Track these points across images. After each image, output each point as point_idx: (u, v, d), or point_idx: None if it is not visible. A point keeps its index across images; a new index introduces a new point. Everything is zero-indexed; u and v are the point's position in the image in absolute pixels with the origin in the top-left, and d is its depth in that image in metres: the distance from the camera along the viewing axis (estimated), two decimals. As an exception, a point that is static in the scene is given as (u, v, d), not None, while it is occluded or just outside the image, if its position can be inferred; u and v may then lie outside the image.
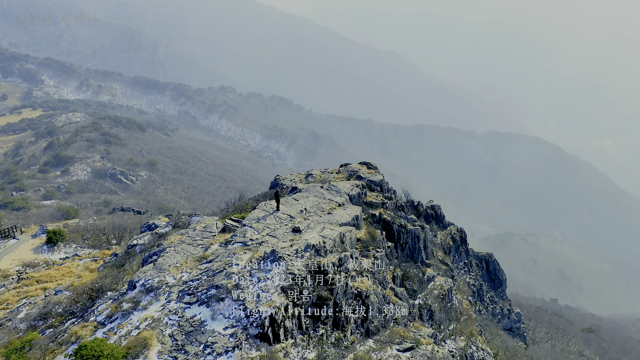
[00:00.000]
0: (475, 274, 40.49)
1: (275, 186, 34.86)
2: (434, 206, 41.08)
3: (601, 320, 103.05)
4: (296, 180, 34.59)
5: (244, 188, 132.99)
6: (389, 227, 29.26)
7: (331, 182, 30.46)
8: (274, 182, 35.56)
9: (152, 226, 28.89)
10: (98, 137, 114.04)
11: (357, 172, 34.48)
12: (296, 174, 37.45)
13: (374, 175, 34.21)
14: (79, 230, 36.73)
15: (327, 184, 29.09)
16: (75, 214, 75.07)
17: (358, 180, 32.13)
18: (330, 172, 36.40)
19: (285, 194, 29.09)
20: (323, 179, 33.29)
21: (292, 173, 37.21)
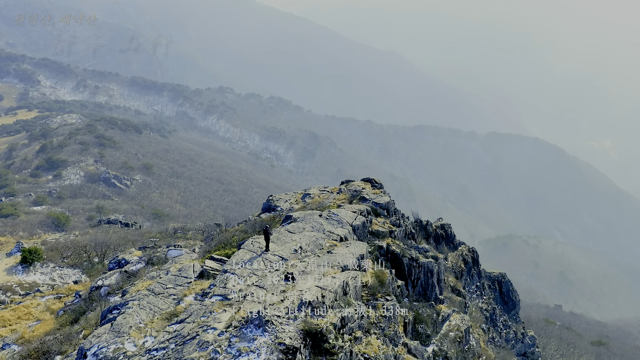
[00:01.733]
0: (488, 297, 37.92)
1: (268, 209, 31.49)
2: (443, 225, 38.04)
3: (607, 328, 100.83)
4: (291, 201, 31.26)
5: (242, 192, 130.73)
6: (399, 261, 25.74)
7: (331, 208, 26.62)
8: (267, 203, 32.39)
9: (121, 262, 25.54)
10: (92, 140, 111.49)
11: (361, 193, 30.63)
12: (292, 194, 34.10)
13: (379, 197, 30.43)
14: (58, 248, 34.17)
15: (327, 211, 24.79)
16: (66, 221, 72.55)
17: (362, 203, 28.54)
18: (330, 192, 32.77)
19: (278, 224, 24.87)
20: (322, 201, 29.70)
21: (287, 192, 34.07)
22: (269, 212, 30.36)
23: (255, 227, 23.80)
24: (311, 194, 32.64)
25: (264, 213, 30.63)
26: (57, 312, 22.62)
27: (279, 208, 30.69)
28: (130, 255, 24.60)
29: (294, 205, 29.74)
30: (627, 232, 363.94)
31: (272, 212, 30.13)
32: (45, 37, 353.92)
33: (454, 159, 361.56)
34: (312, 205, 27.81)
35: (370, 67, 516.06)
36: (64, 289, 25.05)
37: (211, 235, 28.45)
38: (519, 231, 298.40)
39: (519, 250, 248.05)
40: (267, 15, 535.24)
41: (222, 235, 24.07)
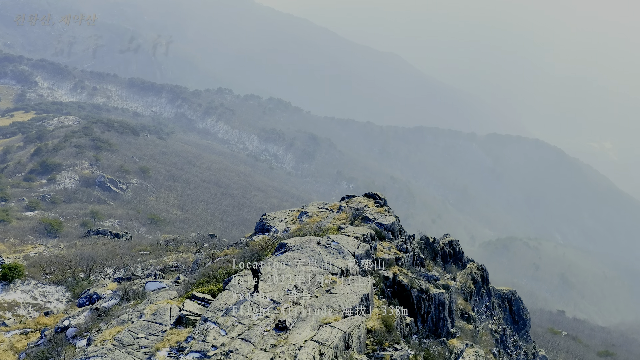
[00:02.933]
0: (498, 317, 36.13)
1: (262, 229, 29.06)
2: (451, 242, 35.89)
3: (611, 335, 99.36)
4: (287, 220, 28.88)
5: (240, 195, 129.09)
6: (407, 293, 22.99)
7: (331, 231, 23.70)
8: (260, 223, 29.95)
9: (93, 297, 23.21)
10: (88, 143, 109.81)
11: (363, 212, 27.90)
12: (287, 212, 31.49)
13: (384, 216, 27.62)
14: (41, 264, 32.45)
15: (326, 238, 21.66)
16: (59, 227, 70.87)
17: (364, 224, 25.87)
18: (330, 210, 30.32)
19: (270, 252, 21.80)
20: (320, 220, 27.25)
21: (282, 210, 31.67)
22: (262, 233, 28.03)
23: (245, 256, 21.13)
24: (309, 212, 30.10)
25: (257, 234, 28.23)
26: (19, 355, 20.65)
27: (273, 229, 28.16)
28: (104, 289, 22.39)
29: (290, 226, 27.38)
30: (628, 233, 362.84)
31: (266, 232, 27.81)
32: (43, 38, 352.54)
33: (454, 161, 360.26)
34: (310, 227, 25.19)
35: (370, 68, 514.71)
36: (32, 322, 23.24)
37: (198, 261, 26.32)
38: (519, 233, 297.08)
39: (520, 252, 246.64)
40: (267, 16, 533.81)
41: (207, 267, 21.62)
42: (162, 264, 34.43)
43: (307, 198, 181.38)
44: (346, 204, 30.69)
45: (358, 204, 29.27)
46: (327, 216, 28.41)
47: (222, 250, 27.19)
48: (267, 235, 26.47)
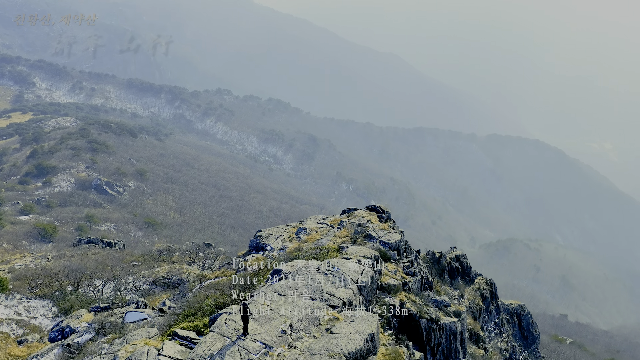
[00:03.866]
0: (507, 334, 34.68)
1: (256, 247, 27.12)
2: (458, 257, 34.12)
3: (614, 339, 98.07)
4: (284, 237, 26.68)
5: (239, 197, 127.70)
6: (415, 323, 20.69)
7: (331, 252, 21.54)
8: (255, 240, 27.94)
9: (66, 331, 21.20)
10: (84, 145, 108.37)
11: (366, 228, 25.63)
12: (284, 228, 29.29)
13: (388, 234, 25.17)
14: (27, 277, 31.02)
15: (326, 263, 19.16)
16: (53, 232, 69.54)
17: (368, 242, 23.69)
18: (330, 225, 27.91)
19: (263, 280, 19.20)
20: (320, 238, 25.05)
21: (279, 226, 29.59)
22: (256, 252, 26.16)
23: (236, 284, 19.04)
24: (307, 228, 27.59)
25: (251, 253, 26.38)
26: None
27: (268, 247, 26.11)
28: (78, 321, 20.51)
29: (287, 244, 25.47)
30: (628, 234, 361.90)
31: (261, 251, 26.05)
32: (42, 39, 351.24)
33: (454, 161, 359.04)
34: (309, 246, 23.25)
35: (370, 68, 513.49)
36: (2, 354, 21.61)
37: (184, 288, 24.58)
38: (520, 234, 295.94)
39: (520, 254, 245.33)
40: (266, 16, 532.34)
41: (195, 296, 19.76)
42: (154, 276, 33.04)
43: (306, 200, 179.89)
44: (347, 218, 28.57)
45: (360, 219, 27.27)
46: (327, 233, 26.29)
47: (213, 269, 25.36)
48: (262, 254, 24.61)
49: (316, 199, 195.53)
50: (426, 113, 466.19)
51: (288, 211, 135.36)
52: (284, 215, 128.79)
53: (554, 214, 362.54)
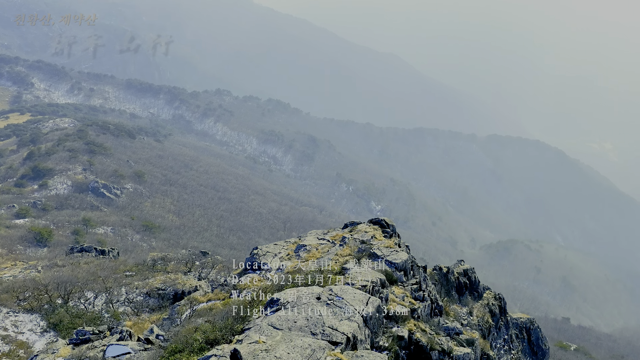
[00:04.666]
0: (517, 350, 33.49)
1: (252, 266, 25.54)
2: (466, 271, 32.47)
3: (617, 344, 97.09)
4: (282, 255, 24.83)
5: (238, 199, 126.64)
6: (425, 355, 18.91)
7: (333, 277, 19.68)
8: (251, 259, 25.95)
9: None
10: (82, 147, 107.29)
11: (370, 246, 24.16)
12: (282, 244, 26.95)
13: (394, 252, 23.41)
14: (15, 289, 29.92)
15: (328, 290, 17.39)
16: (49, 236, 68.47)
17: (372, 263, 21.99)
18: (332, 241, 26.19)
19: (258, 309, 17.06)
20: (321, 256, 23.51)
21: (277, 242, 27.85)
22: (252, 271, 24.66)
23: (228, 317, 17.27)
24: (307, 245, 25.78)
25: (247, 273, 24.69)
26: None
27: (265, 266, 24.29)
28: (54, 356, 19.36)
29: (285, 262, 23.82)
30: (629, 235, 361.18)
31: (257, 271, 24.37)
32: (41, 39, 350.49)
33: (454, 162, 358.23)
34: (308, 265, 21.86)
35: (370, 69, 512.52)
36: None
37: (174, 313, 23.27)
38: (520, 235, 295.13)
39: (521, 255, 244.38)
40: (266, 16, 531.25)
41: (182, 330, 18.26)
42: (148, 287, 31.97)
43: (306, 201, 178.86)
44: (350, 233, 26.96)
45: (363, 234, 25.66)
46: (328, 250, 24.76)
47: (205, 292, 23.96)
48: (258, 274, 23.12)
49: (316, 200, 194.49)
50: (426, 113, 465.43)
51: (288, 213, 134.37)
52: (283, 217, 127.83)
53: (554, 214, 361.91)
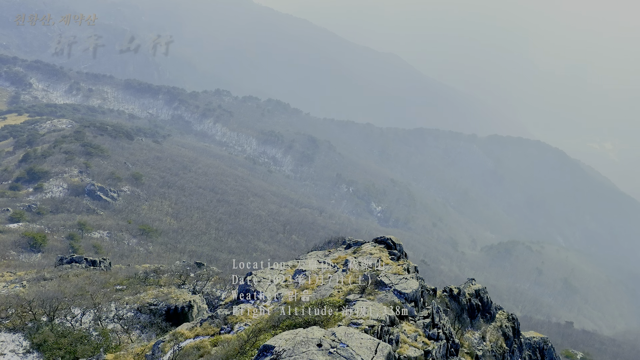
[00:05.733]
0: None
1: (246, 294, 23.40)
2: (478, 291, 30.21)
3: (622, 348, 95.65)
4: (279, 282, 22.65)
5: (237, 202, 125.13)
6: None
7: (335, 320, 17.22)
8: (244, 286, 22.58)
9: None
10: (78, 149, 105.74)
11: (377, 272, 21.62)
12: (280, 268, 24.56)
13: (403, 280, 20.97)
14: (-3, 306, 28.45)
15: (330, 335, 15.12)
16: (43, 241, 67.05)
17: (380, 292, 19.77)
18: (334, 265, 23.74)
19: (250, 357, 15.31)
20: (322, 284, 21.35)
21: (273, 266, 25.51)
22: (245, 300, 22.33)
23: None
24: (306, 271, 23.56)
25: (240, 303, 22.56)
26: None
27: (260, 295, 21.93)
28: None
29: (282, 290, 21.67)
30: (630, 236, 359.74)
31: (252, 300, 22.26)
32: (39, 39, 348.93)
33: (455, 162, 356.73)
34: (308, 294, 20.00)
35: (370, 69, 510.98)
36: None
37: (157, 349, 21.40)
38: (521, 235, 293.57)
39: (522, 256, 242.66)
40: (266, 16, 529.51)
41: None
42: (139, 302, 30.40)
43: (306, 202, 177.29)
44: (353, 255, 24.70)
45: (368, 257, 23.36)
46: (330, 277, 22.50)
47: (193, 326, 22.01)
48: (253, 304, 21.06)
49: (316, 201, 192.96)
50: (426, 113, 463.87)
51: (287, 215, 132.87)
52: (283, 219, 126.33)
53: (555, 215, 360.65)
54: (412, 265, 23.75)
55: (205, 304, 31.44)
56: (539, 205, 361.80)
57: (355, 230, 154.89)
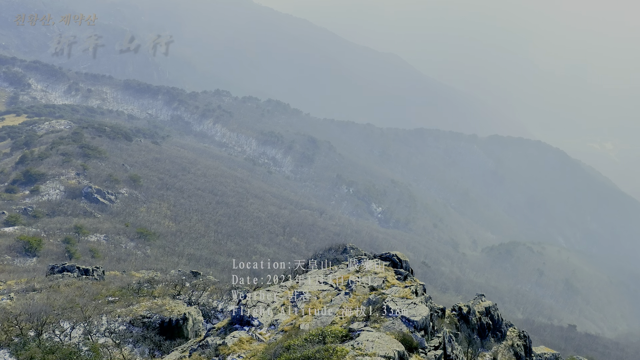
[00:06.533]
0: None
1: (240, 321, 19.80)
2: (488, 309, 28.52)
3: (625, 352, 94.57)
4: (276, 306, 20.61)
5: (236, 204, 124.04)
6: None
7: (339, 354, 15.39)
8: (238, 312, 19.88)
9: None
10: (76, 151, 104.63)
11: (382, 295, 19.59)
12: (277, 290, 22.26)
13: (412, 306, 18.96)
14: (-18, 321, 27.29)
15: None
16: (38, 245, 65.98)
17: (386, 320, 18.14)
18: (335, 287, 21.74)
19: None
20: (323, 308, 19.64)
21: (269, 288, 23.41)
22: (240, 327, 20.39)
23: None
24: (306, 293, 21.61)
25: (233, 329, 20.81)
26: None
27: (255, 321, 20.20)
28: None
29: (280, 316, 19.63)
30: (631, 236, 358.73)
31: (246, 327, 20.43)
32: (38, 39, 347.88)
33: (455, 163, 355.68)
34: (307, 321, 18.29)
35: (370, 69, 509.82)
36: None
37: None
38: (522, 236, 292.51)
39: (524, 257, 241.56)
40: (266, 16, 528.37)
41: None
42: (132, 315, 29.22)
43: (306, 204, 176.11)
44: (356, 274, 22.70)
45: (373, 277, 21.56)
46: (332, 300, 20.75)
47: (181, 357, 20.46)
48: (247, 331, 19.44)
49: (316, 202, 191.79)
50: (426, 113, 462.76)
51: (287, 217, 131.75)
52: (283, 221, 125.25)
53: (556, 215, 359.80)
54: (420, 284, 22.14)
55: (200, 315, 30.30)
56: (539, 206, 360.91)
57: (356, 232, 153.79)
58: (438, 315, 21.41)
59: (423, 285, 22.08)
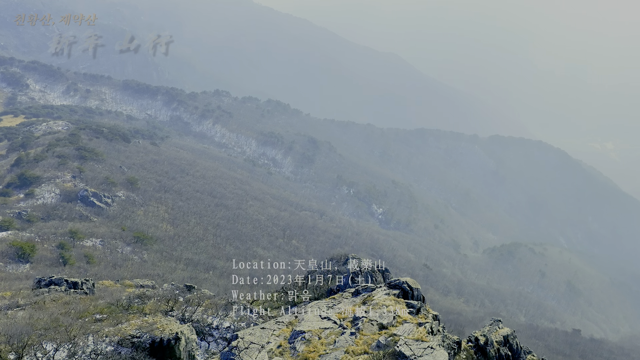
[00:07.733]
0: None
1: None
2: (506, 337, 25.82)
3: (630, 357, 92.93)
4: (272, 348, 18.12)
5: (236, 206, 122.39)
6: None
7: None
8: (227, 354, 18.45)
9: None
10: (72, 153, 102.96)
11: (394, 338, 17.25)
12: (272, 328, 19.74)
13: (428, 351, 16.66)
14: (-42, 343, 25.58)
15: None
16: (31, 251, 64.34)
17: None
18: (340, 324, 19.12)
19: None
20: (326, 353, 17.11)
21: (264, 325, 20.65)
22: None
23: None
24: (306, 332, 18.87)
25: None
26: None
27: None
28: None
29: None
30: (633, 236, 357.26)
31: None
32: (37, 39, 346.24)
33: (456, 163, 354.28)
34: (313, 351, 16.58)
35: (370, 69, 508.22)
36: None
37: None
38: (523, 237, 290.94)
39: (525, 259, 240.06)
40: (266, 16, 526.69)
41: None
42: (120, 334, 27.51)
43: (306, 205, 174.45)
44: (363, 306, 19.98)
45: (382, 312, 18.96)
46: (335, 341, 18.10)
47: None
48: None
49: (316, 204, 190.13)
50: (427, 113, 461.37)
51: (287, 219, 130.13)
52: (283, 224, 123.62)
53: (557, 216, 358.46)
54: (434, 315, 19.70)
55: (194, 334, 28.65)
56: (540, 206, 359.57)
57: (357, 234, 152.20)
58: (454, 351, 19.55)
59: (437, 315, 19.91)
